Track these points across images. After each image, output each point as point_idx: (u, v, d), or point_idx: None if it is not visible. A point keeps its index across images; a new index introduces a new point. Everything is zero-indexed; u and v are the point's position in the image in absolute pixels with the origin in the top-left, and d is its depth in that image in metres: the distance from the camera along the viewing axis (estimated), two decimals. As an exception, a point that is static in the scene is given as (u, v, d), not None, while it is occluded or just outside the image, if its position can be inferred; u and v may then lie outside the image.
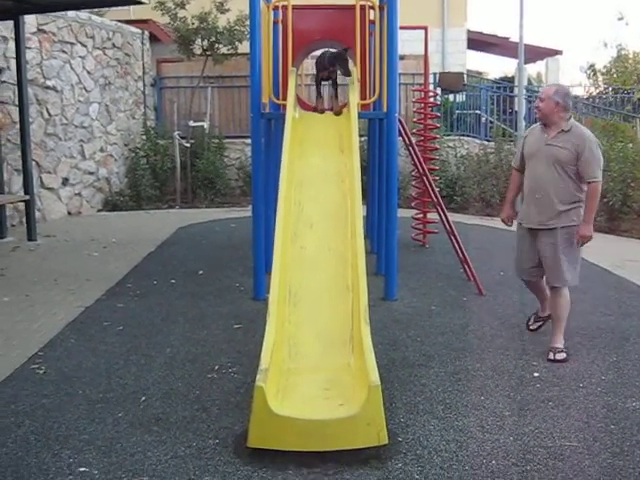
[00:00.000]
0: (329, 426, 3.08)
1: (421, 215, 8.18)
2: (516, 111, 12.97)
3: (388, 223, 5.94)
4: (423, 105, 8.32)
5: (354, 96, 5.57)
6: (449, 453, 3.16)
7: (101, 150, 11.30)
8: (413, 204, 8.37)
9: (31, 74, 9.25)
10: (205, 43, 11.73)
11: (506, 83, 15.97)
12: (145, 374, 4.13)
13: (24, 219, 8.71)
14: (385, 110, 5.86)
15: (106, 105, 11.39)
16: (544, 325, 4.94)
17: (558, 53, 19.52)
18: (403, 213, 7.62)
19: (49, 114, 9.94)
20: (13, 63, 8.63)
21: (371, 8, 6.06)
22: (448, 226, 6.63)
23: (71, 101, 10.42)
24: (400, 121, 6.38)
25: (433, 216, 7.60)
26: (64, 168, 10.35)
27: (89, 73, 10.88)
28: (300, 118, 5.69)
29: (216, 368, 4.22)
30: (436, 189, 7.04)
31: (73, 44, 10.47)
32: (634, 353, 4.56)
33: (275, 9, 6.40)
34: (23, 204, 8.65)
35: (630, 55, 21.15)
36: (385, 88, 5.77)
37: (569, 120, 4.48)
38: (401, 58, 7.34)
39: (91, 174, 11.06)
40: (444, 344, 4.71)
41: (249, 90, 5.96)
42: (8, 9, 8.02)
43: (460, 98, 13.88)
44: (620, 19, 21.91)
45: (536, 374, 4.17)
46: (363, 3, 5.91)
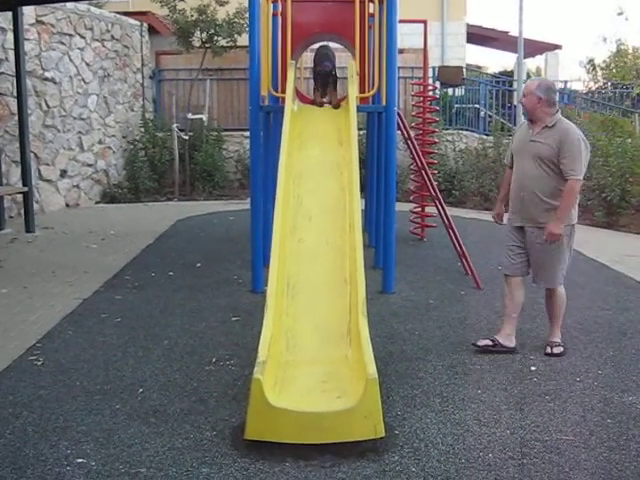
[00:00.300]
0: (326, 418, 3.09)
1: (419, 209, 8.17)
2: (515, 105, 12.98)
3: (386, 217, 5.95)
4: (422, 99, 8.31)
5: (353, 89, 5.56)
6: (446, 446, 3.16)
7: (99, 142, 11.27)
8: (411, 198, 8.36)
9: (30, 65, 9.22)
10: (204, 35, 11.68)
11: (505, 77, 15.94)
12: (143, 366, 4.14)
13: (22, 211, 8.71)
14: (384, 103, 5.85)
15: (104, 97, 11.36)
16: (492, 349, 4.38)
17: (557, 48, 19.52)
18: (401, 207, 7.63)
19: (47, 106, 9.91)
20: (11, 54, 8.60)
21: (371, 1, 6.05)
22: (446, 220, 6.64)
23: (69, 93, 10.39)
24: (399, 115, 6.38)
25: (431, 210, 7.60)
26: (62, 160, 10.33)
27: (88, 65, 10.84)
28: (299, 111, 5.68)
29: (214, 360, 4.23)
30: (434, 183, 7.04)
31: (72, 36, 10.43)
32: (631, 348, 4.57)
33: (274, 1, 6.37)
34: (21, 196, 8.64)
35: (629, 50, 21.18)
36: (384, 81, 5.76)
37: (555, 115, 4.31)
38: (400, 52, 7.34)
39: (89, 166, 11.04)
40: (441, 337, 4.72)
41: (248, 83, 5.96)
42: (7, 0, 7.99)
43: (459, 92, 13.88)
44: (620, 14, 21.98)
45: (533, 368, 4.17)
46: (362, -4, 5.89)
